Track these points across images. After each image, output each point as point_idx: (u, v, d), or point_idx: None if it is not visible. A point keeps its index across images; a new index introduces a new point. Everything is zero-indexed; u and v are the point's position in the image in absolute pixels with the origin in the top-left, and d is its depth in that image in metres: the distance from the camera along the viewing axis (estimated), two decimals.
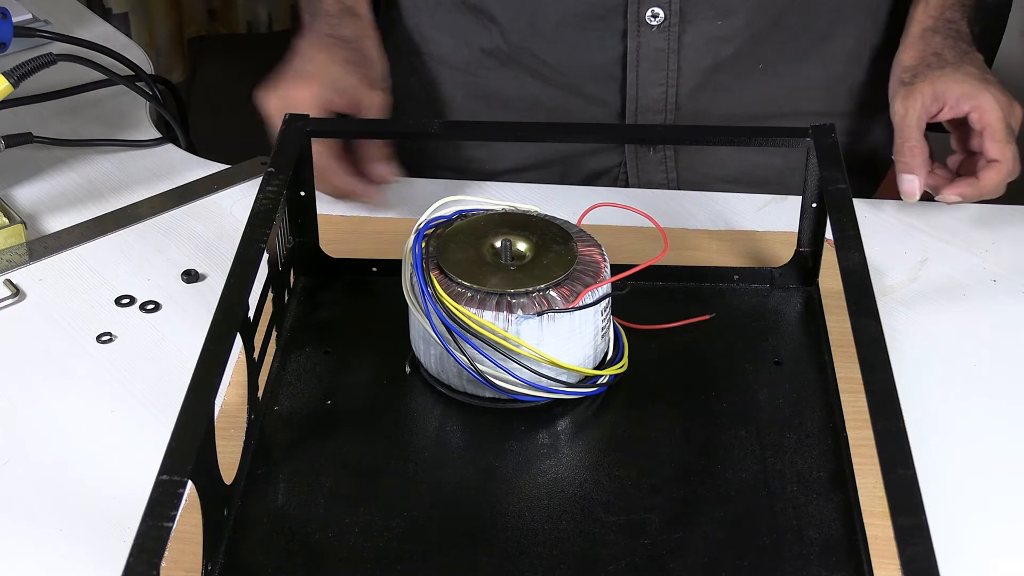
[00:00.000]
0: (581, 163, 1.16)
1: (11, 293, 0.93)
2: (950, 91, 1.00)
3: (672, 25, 1.06)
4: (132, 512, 0.62)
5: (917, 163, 1.00)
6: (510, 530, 0.71)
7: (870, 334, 0.70)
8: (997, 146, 0.98)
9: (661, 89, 1.09)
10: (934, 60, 1.03)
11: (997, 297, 0.94)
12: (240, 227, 0.79)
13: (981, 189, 0.99)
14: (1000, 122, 0.98)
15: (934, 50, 1.04)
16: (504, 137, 1.09)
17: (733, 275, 0.91)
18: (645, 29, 1.07)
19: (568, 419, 0.80)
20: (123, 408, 0.83)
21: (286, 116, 0.89)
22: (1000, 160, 0.98)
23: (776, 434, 0.78)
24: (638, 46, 1.08)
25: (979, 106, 0.99)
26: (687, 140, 1.12)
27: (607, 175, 1.17)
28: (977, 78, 1.01)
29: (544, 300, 0.77)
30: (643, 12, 1.06)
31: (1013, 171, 0.98)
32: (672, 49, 1.07)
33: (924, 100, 1.01)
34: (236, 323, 0.72)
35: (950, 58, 1.03)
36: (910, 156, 1.00)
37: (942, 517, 0.64)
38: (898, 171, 1.01)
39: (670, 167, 1.14)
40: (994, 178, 0.98)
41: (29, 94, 1.15)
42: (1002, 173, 0.98)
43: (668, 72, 1.08)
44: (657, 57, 1.08)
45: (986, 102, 0.99)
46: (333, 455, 0.77)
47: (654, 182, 1.15)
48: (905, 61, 1.05)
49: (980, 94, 0.99)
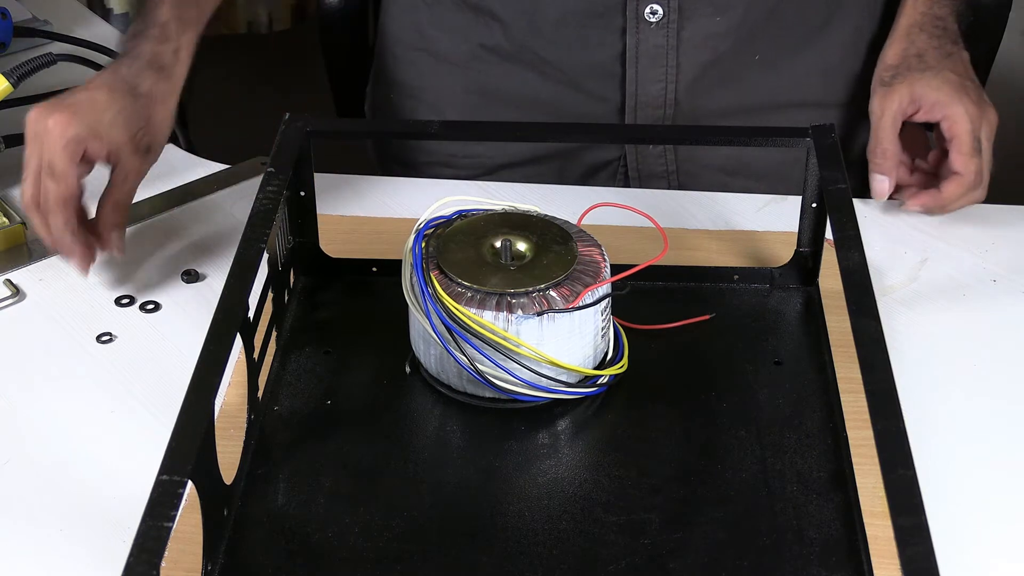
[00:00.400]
0: (581, 156, 1.17)
1: (11, 293, 0.93)
2: (926, 96, 1.02)
3: (671, 22, 1.07)
4: (132, 512, 0.62)
5: (888, 165, 1.03)
6: (510, 530, 0.71)
7: (870, 334, 0.70)
8: (961, 159, 1.00)
9: (660, 85, 1.09)
10: (915, 62, 1.05)
11: (997, 297, 0.94)
12: (240, 227, 0.79)
13: (942, 200, 1.01)
14: (968, 135, 1.00)
15: (917, 51, 1.06)
16: (503, 137, 1.09)
17: (733, 275, 0.91)
18: (644, 26, 1.07)
19: (568, 419, 0.80)
20: (123, 408, 0.83)
21: (286, 116, 0.89)
22: (962, 174, 1.00)
23: (776, 434, 0.78)
24: (637, 43, 1.08)
25: (950, 116, 1.01)
26: (687, 140, 1.13)
27: (607, 168, 1.17)
28: (955, 86, 1.03)
29: (544, 300, 0.77)
30: (642, 9, 1.06)
31: (974, 184, 1.01)
32: (671, 45, 1.08)
33: (901, 102, 1.03)
34: (236, 323, 0.72)
35: (931, 61, 1.05)
36: (882, 158, 1.03)
37: (942, 517, 0.64)
38: (871, 171, 1.04)
39: (670, 159, 1.15)
40: (955, 190, 1.01)
41: (29, 94, 1.15)
42: (963, 186, 1.01)
43: (667, 68, 1.09)
44: (656, 53, 1.08)
45: (957, 114, 1.01)
46: (333, 455, 0.76)
47: (654, 174, 1.15)
48: (888, 59, 1.07)
49: (953, 105, 1.01)
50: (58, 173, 0.87)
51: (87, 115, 0.89)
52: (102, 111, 0.90)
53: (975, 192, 1.02)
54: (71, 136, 0.87)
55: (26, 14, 1.30)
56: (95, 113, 0.89)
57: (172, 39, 0.95)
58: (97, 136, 0.89)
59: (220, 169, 1.09)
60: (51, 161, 0.87)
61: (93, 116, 0.89)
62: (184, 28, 0.96)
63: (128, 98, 0.92)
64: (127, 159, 0.91)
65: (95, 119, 0.89)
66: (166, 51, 0.95)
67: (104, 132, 0.89)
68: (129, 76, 0.93)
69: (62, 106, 0.89)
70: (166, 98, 0.95)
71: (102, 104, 0.90)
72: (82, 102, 0.90)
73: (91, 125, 0.89)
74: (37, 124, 0.89)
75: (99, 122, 0.89)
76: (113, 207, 0.92)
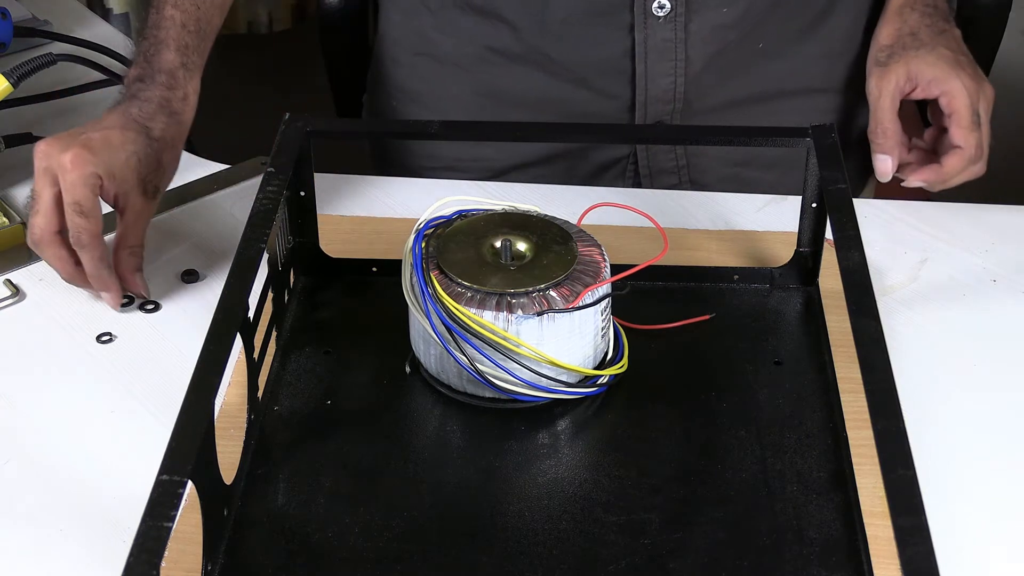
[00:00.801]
0: (590, 155, 1.17)
1: (11, 293, 0.93)
2: (923, 73, 1.03)
3: (678, 15, 1.07)
4: (132, 512, 0.62)
5: (890, 144, 1.04)
6: (510, 530, 0.71)
7: (870, 334, 0.70)
8: (961, 132, 1.01)
9: (670, 79, 1.10)
10: (909, 40, 1.06)
11: (997, 297, 0.94)
12: (240, 227, 0.79)
13: (943, 175, 1.02)
14: (967, 108, 1.01)
15: (910, 29, 1.07)
16: (503, 137, 1.08)
17: (733, 275, 0.91)
18: (652, 21, 1.07)
19: (568, 419, 0.80)
20: (123, 408, 0.83)
21: (286, 116, 0.89)
22: (963, 147, 1.01)
23: (776, 434, 0.78)
24: (645, 38, 1.08)
25: (948, 91, 1.02)
26: (686, 140, 1.12)
27: (616, 166, 1.17)
28: (950, 61, 1.03)
29: (544, 300, 0.77)
30: (650, 4, 1.06)
31: (975, 157, 1.02)
32: (679, 39, 1.08)
33: (898, 80, 1.04)
34: (236, 323, 0.72)
35: (925, 38, 1.05)
36: (883, 137, 1.04)
37: (942, 517, 0.64)
38: (872, 151, 1.05)
39: (679, 154, 1.15)
40: (956, 164, 1.02)
41: (29, 94, 1.15)
42: (964, 160, 1.01)
43: (676, 62, 1.09)
44: (664, 48, 1.08)
45: (955, 88, 1.01)
46: (333, 455, 0.76)
47: (665, 169, 1.15)
48: (882, 40, 1.08)
49: (950, 79, 1.02)
50: (87, 210, 0.87)
51: (103, 154, 0.88)
52: (117, 151, 0.89)
53: (976, 166, 1.02)
54: (90, 173, 0.86)
55: (26, 14, 1.30)
56: (110, 152, 0.88)
57: (180, 86, 0.95)
58: (111, 176, 0.88)
59: (220, 169, 1.09)
60: (78, 200, 0.86)
61: (108, 155, 0.88)
62: (191, 75, 0.96)
63: (142, 140, 0.91)
64: (135, 200, 0.91)
65: (110, 159, 0.88)
66: (175, 97, 0.95)
67: (118, 172, 0.89)
68: (141, 118, 0.92)
69: (76, 143, 0.88)
70: (176, 143, 0.95)
71: (117, 144, 0.89)
72: (96, 140, 0.88)
73: (107, 164, 0.88)
74: (50, 159, 0.88)
75: (113, 162, 0.88)
76: (130, 252, 0.91)
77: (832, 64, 1.15)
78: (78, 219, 0.87)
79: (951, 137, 1.02)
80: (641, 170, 1.16)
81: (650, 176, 1.16)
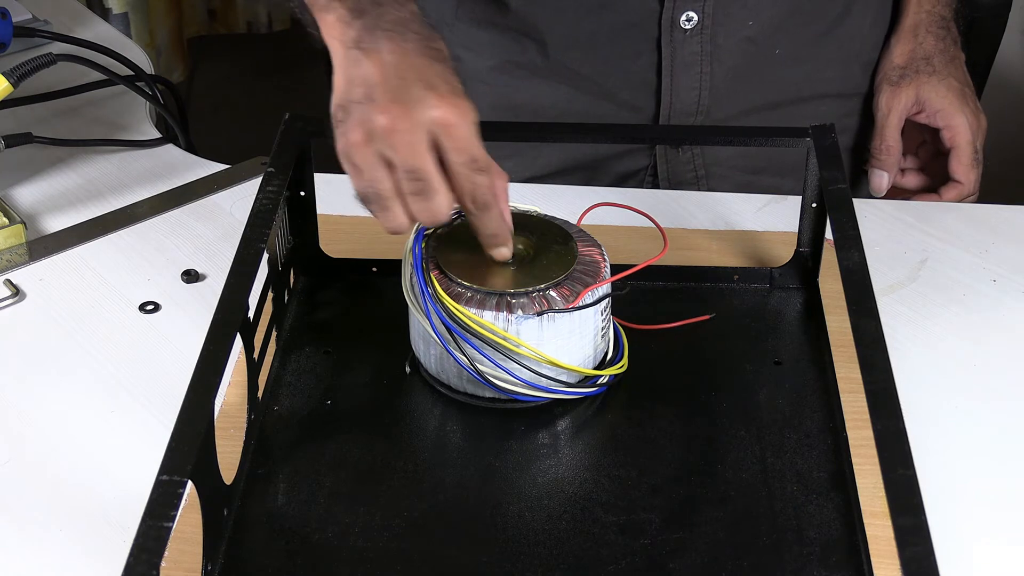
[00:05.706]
0: (609, 166, 1.16)
1: (11, 293, 0.93)
2: (931, 103, 1.10)
3: (705, 28, 1.07)
4: (132, 512, 0.62)
5: (890, 163, 1.11)
6: (510, 530, 0.71)
7: (870, 334, 0.70)
8: (963, 169, 1.09)
9: (695, 92, 1.09)
10: (923, 65, 1.11)
11: (997, 297, 0.94)
12: (240, 227, 0.79)
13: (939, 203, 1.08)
14: (969, 145, 1.08)
15: (924, 53, 1.11)
16: (504, 137, 1.08)
17: (733, 275, 0.91)
18: (679, 34, 1.07)
19: (568, 419, 0.80)
20: (123, 408, 0.83)
21: (286, 116, 0.89)
22: (963, 183, 1.09)
23: (776, 434, 0.78)
24: (672, 52, 1.08)
25: (952, 126, 1.09)
26: (686, 140, 1.12)
27: (635, 176, 1.16)
28: (957, 94, 1.09)
29: (544, 300, 0.77)
30: (677, 16, 1.06)
31: (972, 194, 1.10)
32: (706, 52, 1.08)
33: (907, 102, 1.10)
34: (236, 323, 0.72)
35: (938, 65, 1.11)
36: (886, 155, 1.11)
37: (942, 517, 0.64)
38: (872, 166, 1.11)
39: (698, 164, 1.14)
40: (954, 198, 1.09)
41: (29, 94, 1.15)
42: (962, 195, 1.09)
43: (701, 75, 1.09)
44: (691, 61, 1.08)
45: (960, 124, 1.09)
46: (333, 455, 0.76)
47: (684, 180, 1.15)
48: (895, 59, 1.12)
49: (956, 115, 1.09)
50: (483, 164, 0.74)
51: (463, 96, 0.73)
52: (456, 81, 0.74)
53: (970, 197, 1.09)
54: (476, 120, 0.73)
55: (26, 14, 1.30)
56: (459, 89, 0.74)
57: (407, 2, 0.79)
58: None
59: (220, 169, 1.09)
60: (474, 156, 0.73)
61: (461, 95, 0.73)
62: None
63: (448, 63, 0.75)
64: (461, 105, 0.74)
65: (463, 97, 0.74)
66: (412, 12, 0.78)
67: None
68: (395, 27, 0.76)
69: (438, 92, 0.73)
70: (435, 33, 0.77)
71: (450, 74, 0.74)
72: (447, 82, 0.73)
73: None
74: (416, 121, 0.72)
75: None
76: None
77: (848, 68, 1.15)
78: (478, 177, 0.74)
79: (952, 172, 1.09)
80: (660, 182, 1.15)
81: (669, 187, 1.15)
